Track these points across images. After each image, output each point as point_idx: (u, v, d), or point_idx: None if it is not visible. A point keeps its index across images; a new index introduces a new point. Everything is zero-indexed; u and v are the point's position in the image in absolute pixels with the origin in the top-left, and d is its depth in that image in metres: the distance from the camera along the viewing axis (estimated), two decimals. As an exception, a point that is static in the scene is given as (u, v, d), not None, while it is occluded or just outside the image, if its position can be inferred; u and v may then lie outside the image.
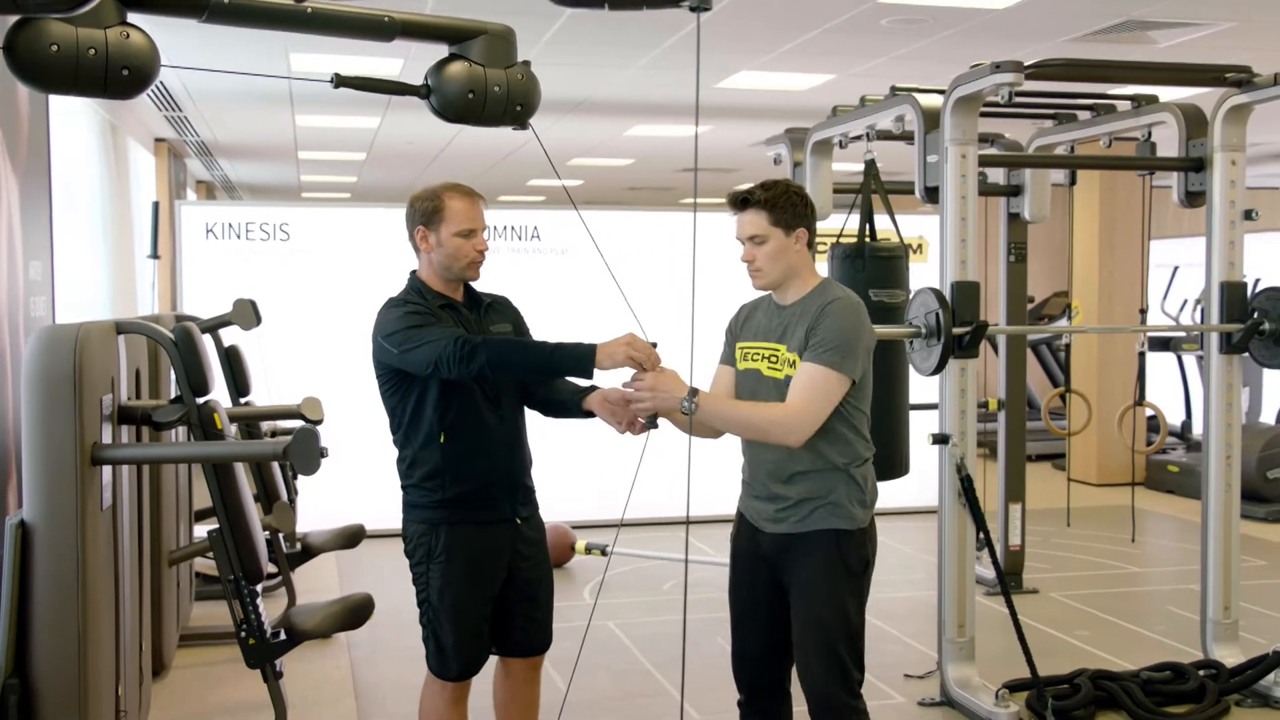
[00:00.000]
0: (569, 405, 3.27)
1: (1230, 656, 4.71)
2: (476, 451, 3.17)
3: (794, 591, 3.07)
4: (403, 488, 3.27)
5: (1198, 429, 9.88)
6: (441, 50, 2.84)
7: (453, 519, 3.17)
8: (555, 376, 3.20)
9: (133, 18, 2.49)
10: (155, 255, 7.74)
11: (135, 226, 8.95)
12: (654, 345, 2.98)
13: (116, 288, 7.94)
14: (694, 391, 2.91)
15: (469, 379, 3.05)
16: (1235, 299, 4.71)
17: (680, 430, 3.09)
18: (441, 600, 3.18)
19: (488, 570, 3.21)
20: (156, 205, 7.62)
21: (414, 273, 3.30)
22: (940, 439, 4.44)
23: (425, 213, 3.21)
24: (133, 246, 8.81)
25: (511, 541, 3.25)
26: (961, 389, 4.44)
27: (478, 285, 3.35)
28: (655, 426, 3.09)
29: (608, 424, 3.20)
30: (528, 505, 3.32)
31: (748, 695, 3.25)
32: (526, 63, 2.84)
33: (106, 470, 3.18)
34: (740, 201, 3.05)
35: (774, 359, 3.07)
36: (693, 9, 1.90)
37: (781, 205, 3.01)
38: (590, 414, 3.23)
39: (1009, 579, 5.63)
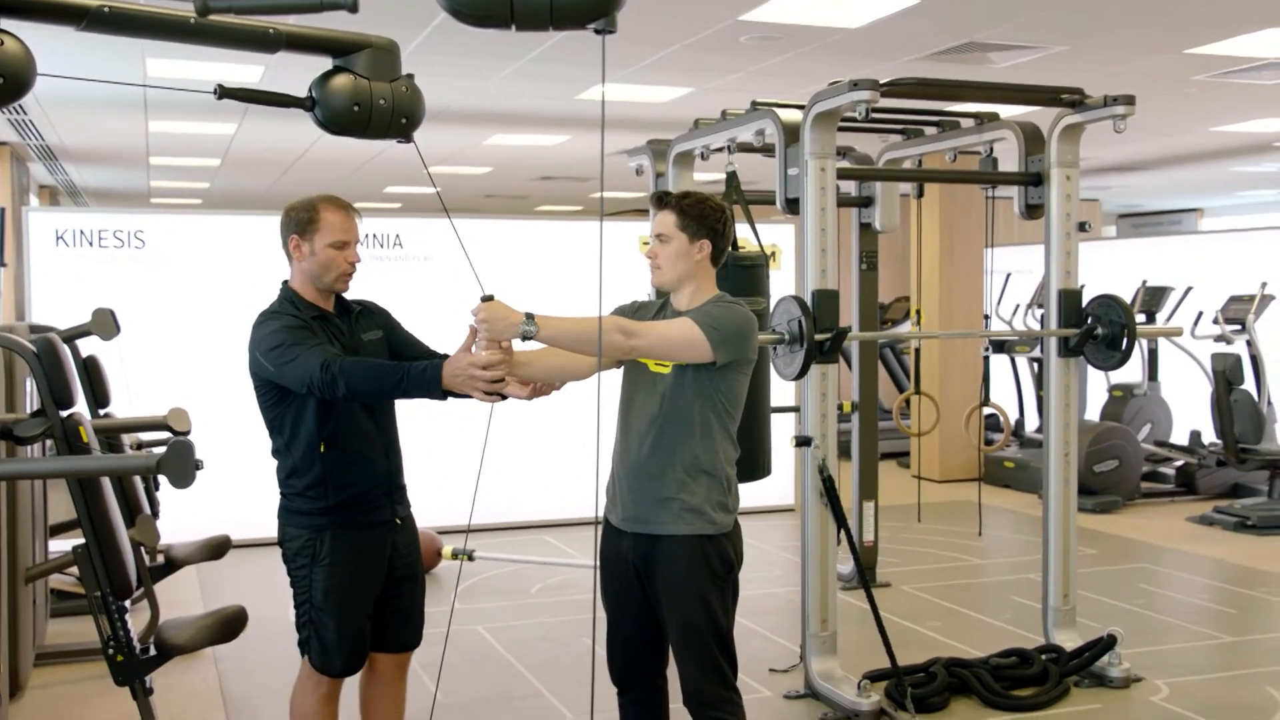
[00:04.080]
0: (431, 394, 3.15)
1: (1069, 640, 5.01)
2: (357, 459, 3.25)
3: (661, 595, 3.17)
4: (283, 495, 3.30)
5: (1029, 426, 10.41)
6: (309, 59, 2.87)
7: (336, 524, 3.23)
8: (408, 397, 3.18)
9: (6, 24, 2.46)
10: (1, 263, 7.45)
11: (-23, 233, 8.57)
12: (490, 297, 2.93)
13: (-43, 297, 7.62)
14: (530, 316, 2.92)
15: (339, 401, 3.13)
16: (1072, 305, 5.03)
17: (520, 399, 3.08)
18: (326, 601, 3.23)
19: (371, 570, 3.30)
20: (2, 211, 7.34)
21: (286, 282, 3.33)
22: (803, 441, 4.62)
23: (300, 222, 3.24)
24: (-26, 254, 8.44)
25: (391, 541, 3.34)
26: (823, 393, 4.63)
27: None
28: (504, 398, 3.05)
29: (471, 395, 3.06)
30: (404, 504, 3.42)
31: (622, 688, 3.34)
32: (410, 76, 2.89)
33: (-35, 486, 3.11)
34: (658, 200, 3.23)
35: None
36: (598, 32, 2.00)
37: (690, 213, 3.16)
38: (448, 395, 3.09)
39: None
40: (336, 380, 3.01)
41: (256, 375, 3.23)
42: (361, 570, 3.27)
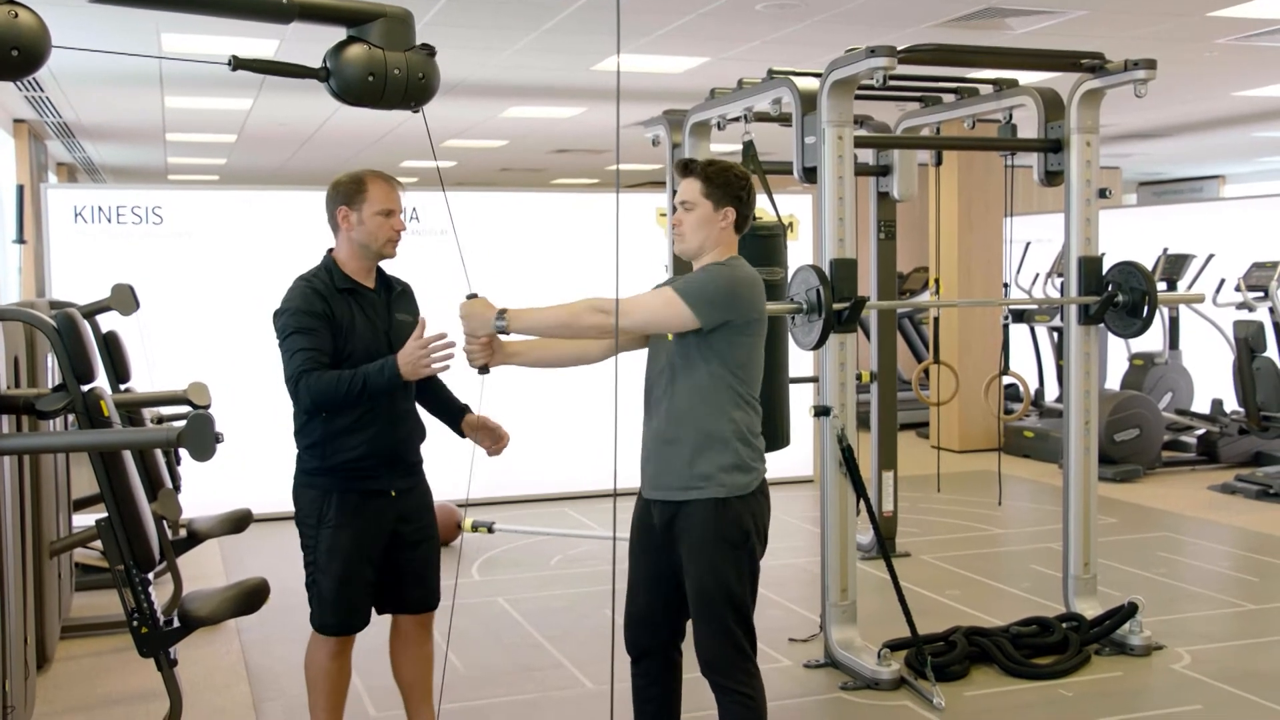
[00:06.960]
0: (452, 424, 3.62)
1: (1090, 609, 5.00)
2: (353, 426, 3.35)
3: (682, 561, 3.18)
4: (296, 453, 3.45)
5: (1049, 396, 10.37)
6: (323, 32, 2.85)
7: (341, 487, 3.36)
8: (376, 400, 3.32)
9: (20, -4, 2.44)
10: (21, 240, 7.47)
11: (-4, 210, 8.63)
12: (473, 296, 3.16)
13: (-23, 274, 7.65)
14: (502, 312, 3.11)
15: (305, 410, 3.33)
16: (1092, 273, 4.99)
17: (518, 365, 3.33)
18: (329, 562, 3.36)
19: (372, 536, 3.39)
20: (21, 189, 7.35)
21: (330, 251, 3.46)
22: (822, 411, 4.61)
23: (348, 193, 3.39)
24: (-7, 231, 8.49)
25: (394, 511, 3.43)
26: (841, 362, 4.61)
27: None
28: (486, 372, 3.28)
29: (480, 445, 3.55)
30: (407, 478, 3.48)
31: (636, 657, 3.35)
32: (425, 45, 2.87)
33: (-13, 461, 3.13)
34: (683, 167, 3.24)
35: None
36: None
37: (716, 180, 3.18)
38: (464, 435, 3.58)
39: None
40: (302, 396, 3.24)
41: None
42: (363, 535, 3.37)
